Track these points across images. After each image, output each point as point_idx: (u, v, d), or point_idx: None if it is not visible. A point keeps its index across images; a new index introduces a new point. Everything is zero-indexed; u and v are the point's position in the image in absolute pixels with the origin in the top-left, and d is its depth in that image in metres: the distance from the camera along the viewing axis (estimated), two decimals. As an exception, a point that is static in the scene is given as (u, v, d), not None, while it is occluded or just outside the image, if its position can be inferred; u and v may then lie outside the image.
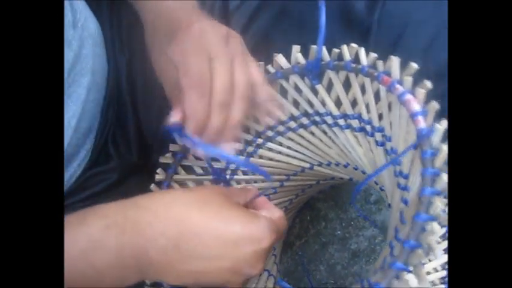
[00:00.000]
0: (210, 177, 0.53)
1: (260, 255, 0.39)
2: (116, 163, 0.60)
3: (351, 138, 0.53)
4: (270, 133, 0.55)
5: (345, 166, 0.58)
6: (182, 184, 0.53)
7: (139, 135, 0.62)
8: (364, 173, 0.56)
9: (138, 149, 0.62)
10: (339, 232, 0.83)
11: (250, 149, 0.55)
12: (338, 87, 0.49)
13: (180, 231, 0.37)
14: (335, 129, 0.53)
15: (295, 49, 0.48)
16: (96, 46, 0.55)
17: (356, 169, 0.57)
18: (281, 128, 0.55)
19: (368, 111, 0.49)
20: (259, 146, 0.55)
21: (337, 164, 0.58)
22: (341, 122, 0.52)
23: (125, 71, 0.60)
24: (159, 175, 0.51)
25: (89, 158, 0.57)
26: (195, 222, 0.38)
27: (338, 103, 0.51)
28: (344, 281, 0.79)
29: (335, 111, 0.51)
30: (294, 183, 0.62)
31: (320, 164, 0.59)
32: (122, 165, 0.60)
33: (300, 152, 0.57)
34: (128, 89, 0.61)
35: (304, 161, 0.58)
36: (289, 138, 0.56)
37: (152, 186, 0.51)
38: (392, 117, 0.45)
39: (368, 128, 0.50)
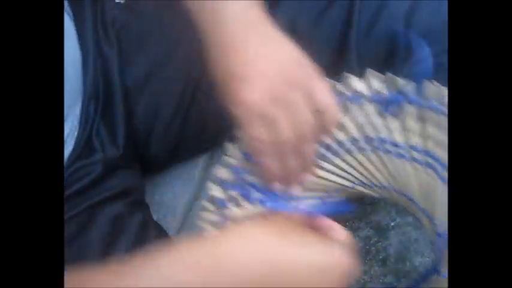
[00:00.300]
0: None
1: (345, 280, 0.38)
2: (100, 156, 0.58)
3: (408, 168, 0.53)
4: (325, 151, 0.54)
5: (388, 189, 0.58)
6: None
7: (128, 127, 0.61)
8: (411, 199, 0.57)
9: (126, 141, 0.61)
10: (334, 233, 0.83)
11: None
12: (411, 121, 0.48)
13: (265, 263, 0.36)
14: (396, 159, 0.53)
15: (372, 75, 0.46)
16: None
17: (404, 194, 0.57)
18: (338, 149, 0.54)
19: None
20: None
21: (380, 187, 0.58)
22: (403, 151, 0.52)
23: (115, 62, 0.59)
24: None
25: (71, 152, 0.56)
26: (280, 252, 0.36)
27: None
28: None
29: (400, 140, 0.51)
30: (333, 199, 0.61)
31: (362, 184, 0.58)
32: (106, 158, 0.59)
33: (346, 172, 0.56)
34: (119, 80, 0.60)
35: (348, 180, 0.58)
36: (343, 160, 0.55)
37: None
38: None
39: (434, 163, 0.50)
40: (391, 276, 0.79)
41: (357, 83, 0.46)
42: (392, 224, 0.83)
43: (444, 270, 0.52)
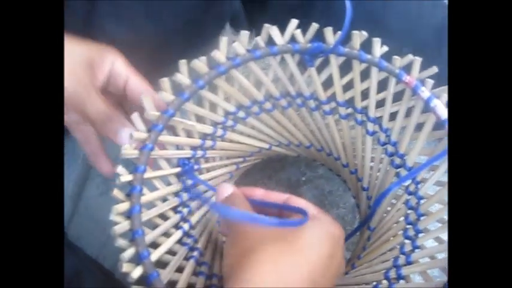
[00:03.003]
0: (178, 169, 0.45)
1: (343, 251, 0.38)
2: None
3: (331, 124, 0.51)
4: (241, 114, 0.48)
5: (307, 147, 0.56)
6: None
7: None
8: (337, 159, 0.55)
9: None
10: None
11: (219, 132, 0.47)
12: (335, 73, 0.45)
13: None
14: (315, 113, 0.50)
15: (293, 24, 0.42)
16: None
17: (320, 151, 0.56)
18: (255, 109, 0.49)
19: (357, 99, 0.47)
20: (226, 128, 0.49)
21: (298, 145, 0.56)
22: (326, 107, 0.49)
23: None
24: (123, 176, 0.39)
25: None
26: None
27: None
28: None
29: (322, 96, 0.48)
30: (247, 163, 0.58)
31: (279, 144, 0.56)
32: None
33: (264, 133, 0.53)
34: None
35: (265, 141, 0.54)
36: (258, 119, 0.50)
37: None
38: (409, 121, 0.44)
39: (359, 116, 0.48)
40: (308, 233, 0.76)
41: (276, 33, 0.42)
42: (303, 178, 0.79)
43: (373, 224, 0.52)
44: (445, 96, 0.41)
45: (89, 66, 0.42)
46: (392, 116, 0.46)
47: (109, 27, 0.52)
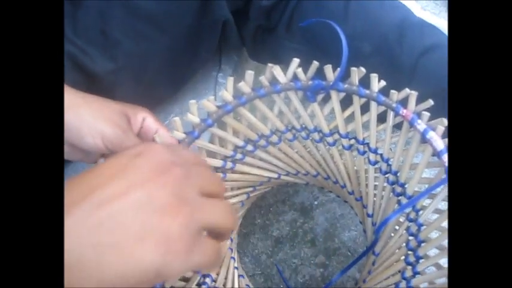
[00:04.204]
0: None
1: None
2: None
3: (335, 155, 0.53)
4: (249, 147, 0.51)
5: (314, 176, 0.58)
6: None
7: None
8: (343, 187, 0.58)
9: None
10: (258, 220, 0.80)
11: (228, 164, 0.51)
12: (336, 107, 0.48)
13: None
14: (319, 145, 0.53)
15: (295, 64, 0.45)
16: None
17: (326, 179, 0.58)
18: (262, 142, 0.52)
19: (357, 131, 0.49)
20: (235, 161, 0.52)
21: (306, 174, 0.58)
22: (329, 139, 0.52)
23: None
24: None
25: None
26: None
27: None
28: (271, 270, 0.77)
29: (325, 129, 0.51)
30: (257, 192, 0.61)
31: (287, 174, 0.58)
32: None
33: (272, 164, 0.55)
34: None
35: (273, 171, 0.57)
36: (266, 151, 0.54)
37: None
38: (408, 152, 0.46)
39: (361, 147, 0.51)
40: (321, 256, 0.78)
41: (279, 72, 0.45)
42: (315, 203, 0.81)
43: (377, 249, 0.54)
44: (440, 128, 0.42)
45: (124, 116, 0.46)
46: (394, 147, 0.48)
47: (121, 36, 0.56)
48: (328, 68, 0.45)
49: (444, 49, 0.58)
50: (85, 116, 0.45)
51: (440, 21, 0.97)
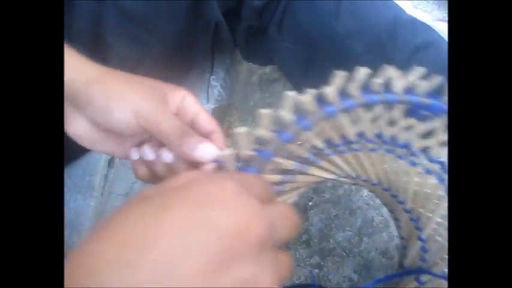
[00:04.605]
0: None
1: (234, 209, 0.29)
2: None
3: (412, 173, 0.49)
4: (327, 151, 0.45)
5: (374, 184, 0.53)
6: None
7: None
8: (401, 202, 0.53)
9: None
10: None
11: (301, 167, 0.45)
12: (439, 131, 0.43)
13: None
14: (401, 161, 0.48)
15: (418, 72, 0.39)
16: None
17: (386, 190, 0.54)
18: (343, 148, 0.46)
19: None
20: (310, 163, 0.46)
21: (366, 180, 0.53)
22: (414, 159, 0.47)
23: None
24: None
25: None
26: None
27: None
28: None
29: (415, 147, 0.45)
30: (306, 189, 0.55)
31: (347, 176, 0.52)
32: None
33: (338, 167, 0.50)
34: None
35: (335, 173, 0.51)
36: (341, 156, 0.48)
37: None
38: None
39: (444, 174, 0.47)
40: (316, 257, 0.78)
41: (398, 78, 0.38)
42: (310, 203, 0.81)
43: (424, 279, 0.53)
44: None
45: (159, 91, 0.41)
46: None
47: (114, 40, 0.56)
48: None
49: (437, 47, 0.59)
50: (114, 87, 0.39)
51: (432, 19, 0.98)
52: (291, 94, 0.36)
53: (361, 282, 0.70)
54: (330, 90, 0.36)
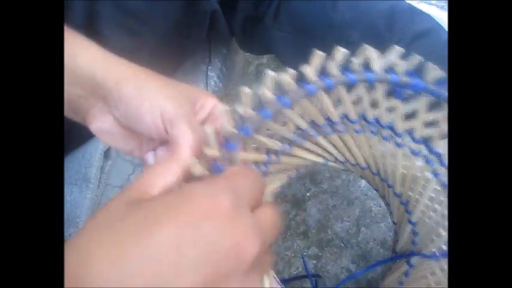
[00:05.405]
0: None
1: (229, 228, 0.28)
2: None
3: (399, 156, 0.49)
4: (312, 132, 0.46)
5: (363, 168, 0.54)
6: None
7: None
8: (390, 186, 0.54)
9: None
10: (251, 214, 0.79)
11: (286, 147, 0.45)
12: (422, 111, 0.43)
13: None
14: (386, 143, 0.48)
15: (397, 52, 0.40)
16: None
17: (375, 175, 0.54)
18: (327, 129, 0.46)
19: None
20: (293, 144, 0.46)
21: (355, 165, 0.54)
22: (399, 140, 0.47)
23: None
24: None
25: None
26: None
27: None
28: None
29: (400, 129, 0.46)
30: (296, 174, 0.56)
31: (335, 161, 0.53)
32: None
33: (326, 151, 0.50)
34: None
35: (323, 157, 0.51)
36: (327, 138, 0.48)
37: None
38: None
39: (432, 157, 0.47)
40: (314, 248, 0.77)
41: (375, 59, 0.39)
42: (308, 194, 0.81)
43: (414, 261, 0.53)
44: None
45: (189, 98, 0.41)
46: None
47: (110, 34, 0.55)
48: (433, 70, 0.40)
49: (435, 35, 0.58)
50: (147, 90, 0.39)
51: (430, 7, 0.97)
52: (272, 73, 0.36)
53: (359, 273, 0.70)
54: (309, 69, 0.37)
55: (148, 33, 0.57)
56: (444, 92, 0.40)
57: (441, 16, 0.71)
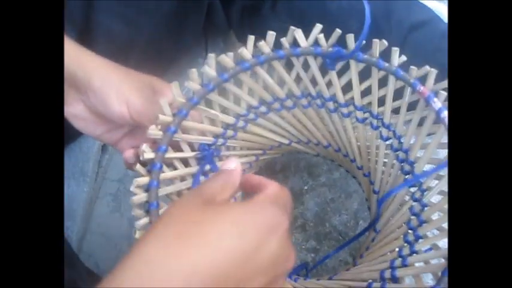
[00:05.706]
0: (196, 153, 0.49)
1: (285, 242, 0.31)
2: None
3: (348, 127, 0.53)
4: (263, 109, 0.51)
5: (325, 147, 0.59)
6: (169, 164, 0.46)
7: None
8: (352, 161, 0.58)
9: None
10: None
11: (240, 123, 0.51)
12: (354, 78, 0.48)
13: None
14: (334, 115, 0.53)
15: (318, 29, 0.45)
16: None
17: (337, 151, 0.59)
18: (276, 105, 0.52)
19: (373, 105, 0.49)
20: (248, 121, 0.52)
21: (317, 144, 0.59)
22: (344, 110, 0.51)
23: None
24: (147, 153, 0.43)
25: None
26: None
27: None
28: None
29: (341, 99, 0.50)
30: (266, 156, 0.61)
31: (298, 142, 0.59)
32: None
33: (284, 129, 0.56)
34: None
35: (285, 137, 0.57)
36: (280, 115, 0.54)
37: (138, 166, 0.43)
38: (420, 131, 0.47)
39: (375, 121, 0.51)
40: (312, 241, 0.77)
41: (301, 37, 0.45)
42: (305, 187, 0.81)
43: (379, 227, 0.54)
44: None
45: (150, 88, 0.45)
46: (407, 124, 0.48)
47: (107, 23, 0.56)
48: (350, 37, 0.44)
49: (432, 25, 0.58)
50: (113, 80, 0.44)
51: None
52: (213, 55, 0.43)
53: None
54: (244, 51, 0.44)
55: (144, 23, 0.57)
56: (371, 58, 0.45)
57: (440, 8, 0.71)
